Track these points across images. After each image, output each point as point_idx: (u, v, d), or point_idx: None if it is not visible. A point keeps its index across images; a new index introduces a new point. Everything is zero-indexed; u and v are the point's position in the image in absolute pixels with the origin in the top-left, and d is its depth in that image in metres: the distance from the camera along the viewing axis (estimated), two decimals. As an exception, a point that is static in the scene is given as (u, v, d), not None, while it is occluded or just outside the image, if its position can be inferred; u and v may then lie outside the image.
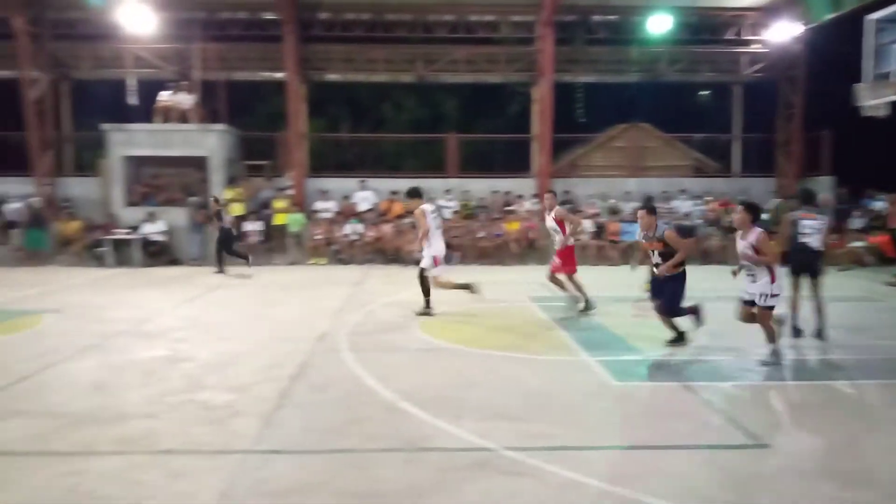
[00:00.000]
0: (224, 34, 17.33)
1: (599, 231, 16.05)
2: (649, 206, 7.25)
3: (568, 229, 8.78)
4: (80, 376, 5.98)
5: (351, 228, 15.96)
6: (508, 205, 17.10)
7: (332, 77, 19.24)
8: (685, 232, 8.89)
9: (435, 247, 8.76)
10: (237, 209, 15.91)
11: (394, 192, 16.85)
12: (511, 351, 6.87)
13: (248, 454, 4.16)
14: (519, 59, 18.37)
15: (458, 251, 15.80)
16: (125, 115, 17.37)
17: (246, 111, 22.21)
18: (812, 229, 7.38)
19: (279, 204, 16.26)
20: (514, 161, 19.84)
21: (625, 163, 19.27)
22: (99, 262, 15.13)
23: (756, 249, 6.13)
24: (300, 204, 16.38)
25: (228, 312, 9.32)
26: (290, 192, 16.75)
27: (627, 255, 15.52)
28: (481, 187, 17.44)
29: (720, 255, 15.22)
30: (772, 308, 6.26)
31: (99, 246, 15.30)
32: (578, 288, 8.81)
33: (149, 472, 3.89)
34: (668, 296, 6.77)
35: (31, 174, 16.72)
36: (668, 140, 19.99)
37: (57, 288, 11.80)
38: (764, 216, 9.72)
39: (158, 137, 16.27)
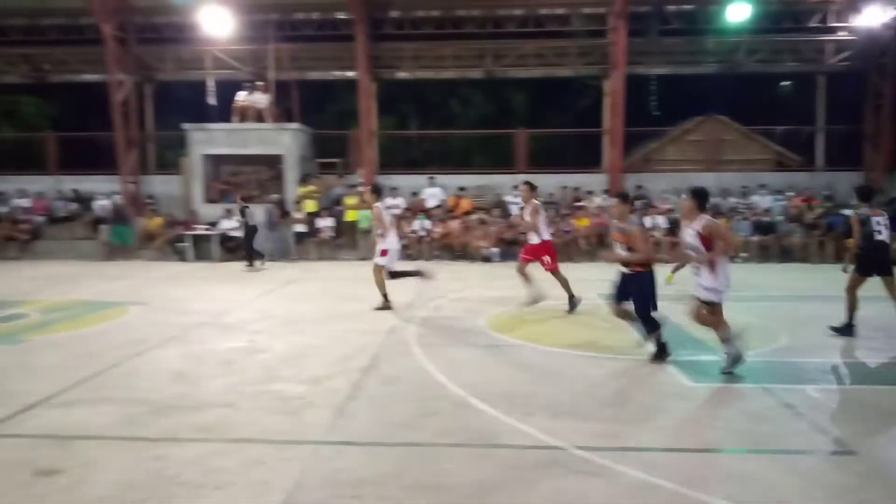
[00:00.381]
0: (297, 35, 17.75)
1: (674, 227, 15.60)
2: (622, 194, 6.80)
3: (541, 223, 8.80)
4: (164, 365, 6.26)
5: (419, 224, 16.09)
6: (578, 200, 16.86)
7: (402, 75, 19.43)
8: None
9: (389, 242, 9.08)
10: (310, 206, 16.31)
11: (461, 189, 16.90)
12: (581, 349, 6.78)
13: (321, 445, 4.25)
14: (590, 52, 18.06)
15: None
16: (205, 114, 18.06)
17: (318, 110, 22.72)
18: (881, 225, 7.07)
19: (350, 201, 16.56)
20: (584, 156, 19.54)
21: (700, 157, 18.68)
22: (180, 256, 15.81)
23: (703, 237, 5.69)
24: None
25: (301, 306, 9.55)
26: (361, 188, 17.02)
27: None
28: (550, 182, 17.25)
29: (802, 253, 14.56)
30: (712, 304, 5.76)
31: (180, 241, 15.99)
32: (564, 285, 8.82)
33: (227, 459, 4.04)
34: (636, 300, 6.16)
35: (117, 172, 17.60)
36: (746, 133, 19.28)
37: (141, 281, 12.39)
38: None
39: (236, 136, 16.83)
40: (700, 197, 5.91)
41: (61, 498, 3.54)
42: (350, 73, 18.68)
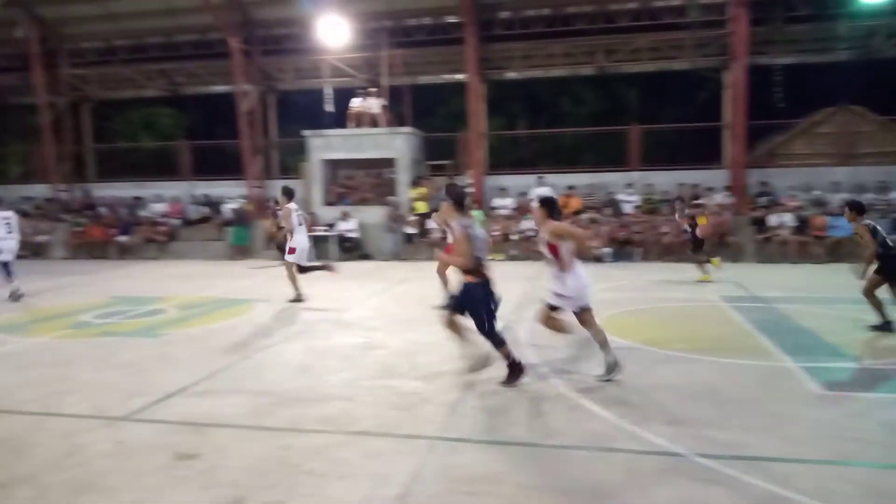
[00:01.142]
0: (409, 41, 18.14)
1: (803, 226, 14.65)
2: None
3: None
4: (288, 359, 6.60)
5: (527, 224, 16.01)
6: (697, 198, 16.15)
7: (511, 75, 19.41)
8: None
9: (297, 240, 10.04)
10: (421, 208, 16.65)
11: (570, 188, 16.66)
12: (701, 353, 6.50)
13: (436, 440, 4.34)
14: (708, 44, 17.28)
15: (639, 247, 15.27)
16: (322, 121, 18.85)
17: (429, 113, 23.12)
18: None
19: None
20: (702, 152, 18.69)
21: (832, 150, 17.38)
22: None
23: (550, 245, 5.53)
24: (479, 201, 16.73)
25: (415, 304, 9.76)
26: (470, 189, 17.18)
27: (835, 251, 14.04)
28: (666, 180, 16.67)
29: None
30: (554, 308, 5.71)
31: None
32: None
33: (348, 450, 4.21)
34: (469, 314, 5.53)
35: (244, 177, 18.71)
36: (884, 124, 17.71)
37: (264, 280, 13.11)
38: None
39: (352, 141, 17.46)
40: (548, 205, 5.74)
41: (199, 481, 3.82)
42: (460, 76, 18.89)
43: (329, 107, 18.91)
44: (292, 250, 10.05)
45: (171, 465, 4.04)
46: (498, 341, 5.52)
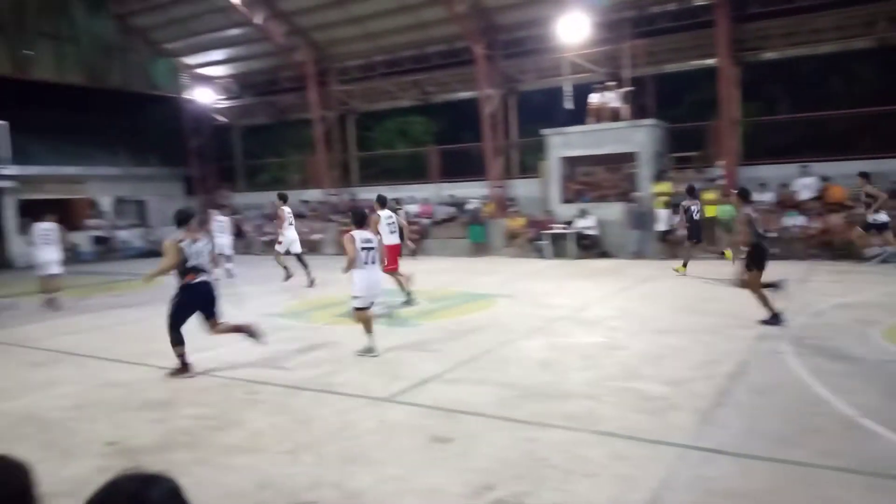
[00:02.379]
0: (653, 29, 17.39)
1: None
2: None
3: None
4: (531, 354, 6.74)
5: (791, 221, 14.47)
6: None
7: (769, 55, 17.68)
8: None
9: (287, 236, 12.75)
10: (664, 203, 15.89)
11: (825, 178, 14.68)
12: None
13: (686, 449, 4.13)
14: None
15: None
16: (561, 118, 18.89)
17: (674, 103, 21.97)
18: None
19: (708, 195, 15.66)
20: None
21: None
22: (539, 253, 16.84)
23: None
24: (730, 194, 15.46)
25: (659, 304, 9.38)
26: (721, 181, 15.98)
27: None
28: (971, 166, 13.93)
29: None
30: (357, 309, 6.96)
31: (539, 239, 17.03)
32: (400, 283, 9.92)
33: (593, 449, 4.18)
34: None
35: (486, 178, 19.46)
36: None
37: (507, 276, 13.51)
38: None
39: (591, 137, 17.24)
40: (353, 216, 7.24)
41: (454, 464, 4.07)
42: (710, 61, 17.64)
43: (568, 104, 18.85)
44: (279, 242, 13.06)
45: (428, 446, 4.36)
46: (175, 339, 6.43)
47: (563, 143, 17.64)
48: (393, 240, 10.04)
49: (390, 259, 9.77)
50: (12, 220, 21.06)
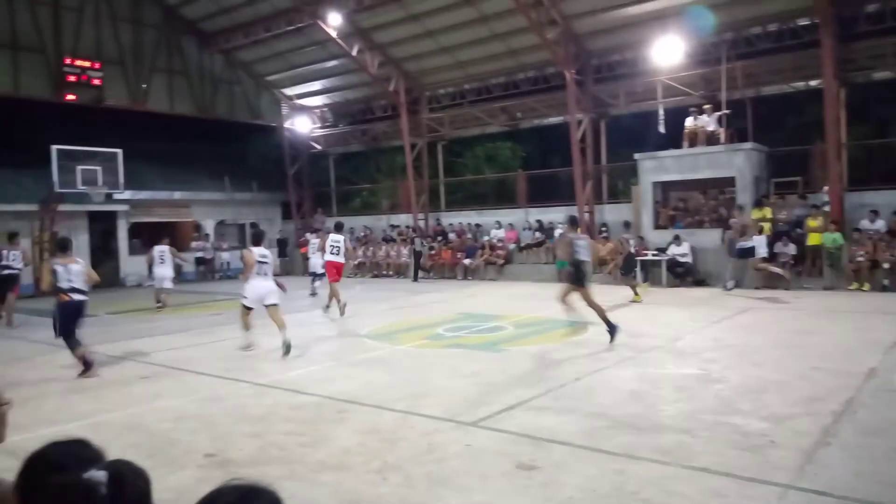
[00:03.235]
0: (752, 50, 16.81)
1: None
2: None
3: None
4: (621, 384, 6.57)
5: (906, 249, 13.49)
6: None
7: (881, 75, 16.69)
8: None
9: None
10: (765, 229, 15.20)
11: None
12: None
13: (788, 489, 3.90)
14: None
15: None
16: (654, 142, 18.48)
17: (775, 126, 21.08)
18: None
19: (813, 223, 14.86)
20: None
21: None
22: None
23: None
24: (838, 222, 14.62)
25: (758, 337, 8.94)
26: (826, 208, 15.13)
27: None
28: None
29: None
30: (244, 307, 8.73)
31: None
32: (334, 294, 11.91)
33: (686, 485, 4.01)
34: None
35: (575, 203, 19.24)
36: None
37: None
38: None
39: (685, 161, 16.78)
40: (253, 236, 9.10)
41: (539, 492, 4.01)
42: (813, 82, 16.86)
43: (661, 128, 18.44)
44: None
45: (514, 473, 4.32)
46: (70, 344, 7.84)
47: (656, 168, 17.25)
48: (336, 258, 12.18)
49: (331, 273, 12.18)
50: (124, 241, 22.61)
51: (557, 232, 19.27)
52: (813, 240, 14.70)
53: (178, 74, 23.18)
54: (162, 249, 13.98)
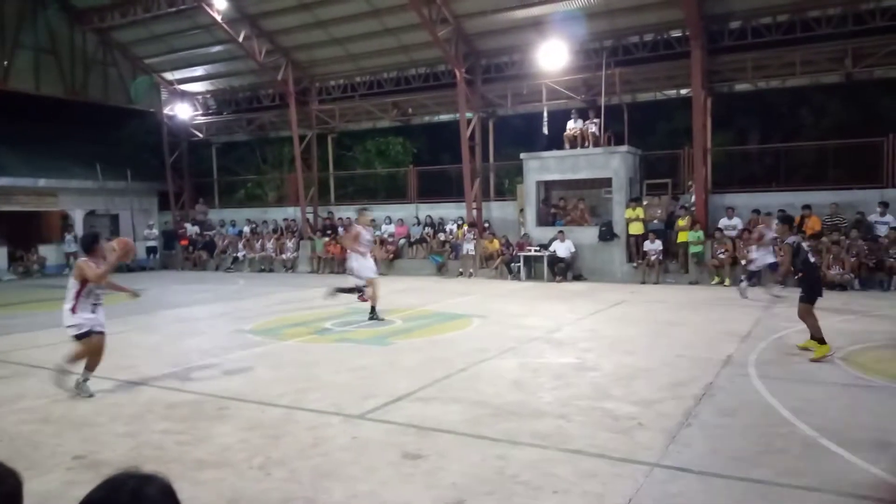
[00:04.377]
0: (630, 58, 17.79)
1: None
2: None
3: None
4: (503, 374, 6.81)
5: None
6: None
7: (742, 87, 18.17)
8: None
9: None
10: (636, 228, 16.19)
11: (806, 207, 15.06)
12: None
13: (654, 467, 4.21)
14: None
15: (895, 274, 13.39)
16: (538, 143, 19.18)
17: (649, 131, 22.43)
18: None
19: (681, 222, 15.98)
20: None
21: None
22: (514, 275, 16.98)
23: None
24: (702, 221, 15.82)
25: (629, 328, 9.52)
26: (693, 209, 16.32)
27: None
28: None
29: None
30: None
31: (514, 262, 17.17)
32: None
33: (562, 467, 4.24)
34: None
35: (463, 200, 19.61)
36: None
37: (481, 297, 13.60)
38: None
39: (567, 162, 17.54)
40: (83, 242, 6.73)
41: (424, 480, 4.10)
42: (684, 91, 18.10)
43: (545, 129, 19.16)
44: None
45: (399, 463, 4.39)
46: None
47: (540, 167, 17.90)
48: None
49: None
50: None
51: (448, 227, 19.62)
52: (681, 237, 15.82)
53: (46, 52, 21.44)
54: None
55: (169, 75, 24.26)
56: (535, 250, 16.91)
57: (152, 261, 23.57)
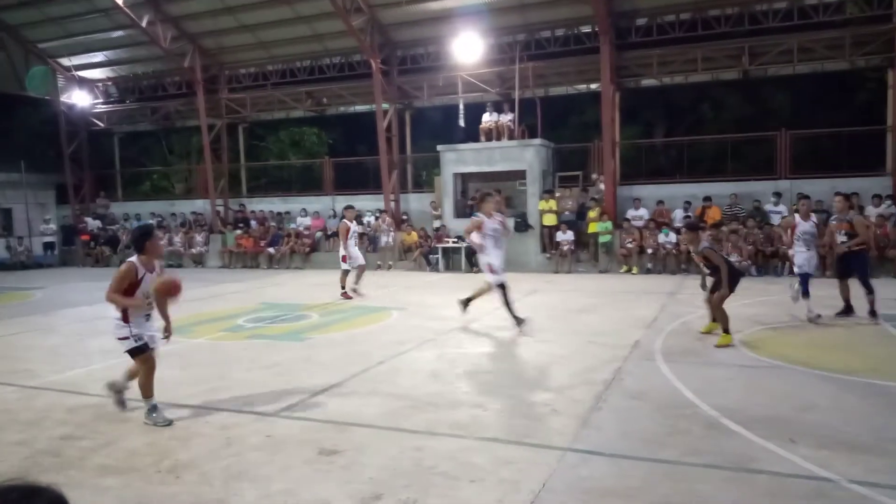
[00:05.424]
0: (542, 52, 18.14)
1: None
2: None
3: None
4: (422, 365, 6.82)
5: (663, 237, 15.47)
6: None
7: (648, 82, 18.89)
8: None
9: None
10: (550, 219, 16.58)
11: (707, 198, 15.88)
12: (858, 375, 6.00)
13: (566, 451, 4.33)
14: (869, 41, 15.85)
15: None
16: (455, 135, 19.29)
17: (561, 124, 22.96)
18: None
19: (592, 213, 16.48)
20: (862, 158, 17.17)
21: None
22: (432, 267, 17.04)
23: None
24: (611, 212, 16.38)
25: (544, 317, 9.74)
26: (601, 199, 16.87)
27: None
28: (820, 189, 15.36)
29: None
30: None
31: (432, 253, 17.24)
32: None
33: (479, 455, 4.29)
34: None
35: (381, 192, 19.50)
36: None
37: (400, 289, 13.59)
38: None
39: (483, 154, 17.73)
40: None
41: (341, 475, 4.06)
42: (594, 85, 18.64)
43: (461, 121, 19.30)
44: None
45: (315, 460, 4.32)
46: None
47: (457, 160, 18.01)
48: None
49: None
50: None
51: (366, 220, 19.44)
52: (591, 228, 16.32)
53: (-79, 32, 19.76)
54: None
55: (66, 61, 22.84)
56: (453, 242, 17.03)
57: (50, 257, 22.23)
